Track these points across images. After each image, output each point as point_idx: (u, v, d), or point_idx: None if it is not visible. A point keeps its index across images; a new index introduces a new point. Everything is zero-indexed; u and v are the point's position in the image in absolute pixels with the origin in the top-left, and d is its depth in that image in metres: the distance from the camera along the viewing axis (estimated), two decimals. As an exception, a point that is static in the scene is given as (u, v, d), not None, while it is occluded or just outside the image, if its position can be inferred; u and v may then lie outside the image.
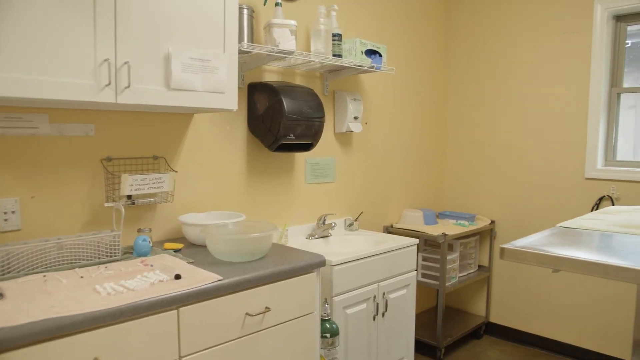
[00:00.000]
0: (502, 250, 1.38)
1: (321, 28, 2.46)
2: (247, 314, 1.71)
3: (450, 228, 3.26)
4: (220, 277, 1.63)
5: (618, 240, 1.48)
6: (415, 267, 2.78)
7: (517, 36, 3.42)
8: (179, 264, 1.77)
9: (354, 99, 2.83)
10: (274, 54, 2.19)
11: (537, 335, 3.49)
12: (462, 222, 3.41)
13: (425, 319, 3.63)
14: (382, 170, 3.29)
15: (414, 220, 3.31)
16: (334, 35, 2.50)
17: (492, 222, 3.57)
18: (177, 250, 2.00)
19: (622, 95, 3.23)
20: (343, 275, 2.35)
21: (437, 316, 3.17)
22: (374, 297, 2.53)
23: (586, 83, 3.15)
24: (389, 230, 3.31)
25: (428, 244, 3.47)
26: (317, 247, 2.68)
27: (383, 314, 2.60)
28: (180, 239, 2.23)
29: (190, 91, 1.84)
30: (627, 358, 3.13)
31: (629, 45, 3.16)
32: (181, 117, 2.23)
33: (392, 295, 2.65)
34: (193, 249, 2.03)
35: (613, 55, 3.16)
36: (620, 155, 3.29)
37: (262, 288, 1.76)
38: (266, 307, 1.77)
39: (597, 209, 3.15)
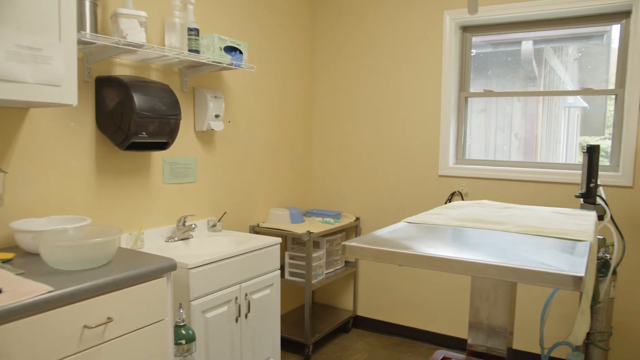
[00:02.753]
0: (344, 247, 1.40)
1: (176, 21, 2.35)
2: (85, 326, 1.57)
3: (316, 226, 3.32)
4: (51, 288, 1.48)
5: (453, 233, 1.59)
6: (279, 266, 2.78)
7: (377, 40, 3.58)
8: (4, 277, 1.58)
9: (215, 97, 2.76)
10: (122, 46, 2.05)
11: (399, 324, 3.68)
12: (328, 219, 3.49)
13: (294, 317, 3.65)
14: (247, 169, 3.25)
15: (281, 219, 3.31)
16: (190, 29, 2.41)
17: (357, 218, 3.70)
18: (5, 261, 1.78)
19: (474, 100, 3.52)
20: (201, 278, 2.27)
21: (305, 313, 3.20)
22: (236, 298, 2.48)
23: (438, 87, 3.38)
24: (255, 230, 3.28)
25: (295, 243, 3.49)
26: (176, 250, 2.57)
27: (246, 315, 2.56)
28: (14, 247, 2.00)
29: (18, 82, 1.65)
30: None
31: (474, 54, 3.45)
32: (12, 112, 2.00)
33: (255, 296, 2.62)
34: (27, 259, 1.83)
35: (461, 63, 3.43)
36: (474, 155, 3.58)
37: (104, 297, 1.63)
38: (108, 318, 1.64)
39: (449, 203, 3.40)
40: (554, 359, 3.15)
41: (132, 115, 2.15)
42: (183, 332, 2.06)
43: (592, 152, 2.60)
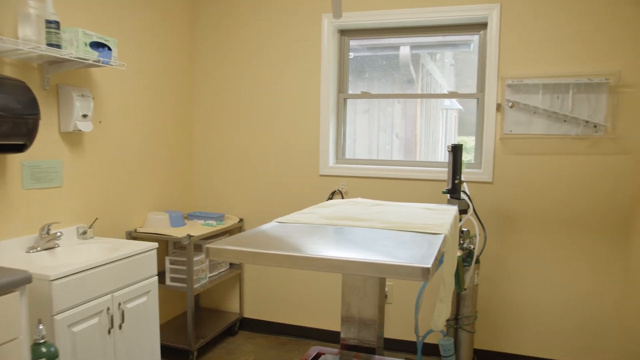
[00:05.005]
0: (207, 249, 1.38)
1: (31, 12, 2.16)
2: None
3: (198, 229, 3.24)
4: None
5: (321, 232, 1.62)
6: (155, 272, 2.67)
7: (258, 41, 3.57)
8: None
9: (82, 95, 2.58)
10: (-37, 37, 1.85)
11: (286, 324, 3.70)
12: (210, 222, 3.42)
13: (178, 323, 3.54)
14: (122, 172, 3.08)
15: (160, 223, 3.19)
16: (49, 22, 2.23)
17: (241, 220, 3.66)
18: None
19: (358, 101, 3.64)
20: (66, 290, 2.11)
21: (188, 319, 3.11)
22: (108, 309, 2.34)
23: (318, 89, 3.45)
24: (133, 235, 3.13)
25: (176, 247, 3.38)
26: (39, 261, 2.36)
27: (120, 326, 2.42)
28: None
29: None
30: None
31: (352, 57, 3.58)
32: None
33: (130, 305, 2.49)
34: None
35: (339, 65, 3.53)
36: (358, 154, 3.71)
37: (-60, 318, 1.46)
38: (-54, 341, 1.47)
39: (323, 202, 3.48)
40: (428, 344, 3.36)
41: (-21, 115, 1.94)
42: (43, 349, 1.90)
43: (456, 151, 2.80)
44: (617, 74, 2.89)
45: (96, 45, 2.45)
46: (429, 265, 1.18)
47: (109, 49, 2.52)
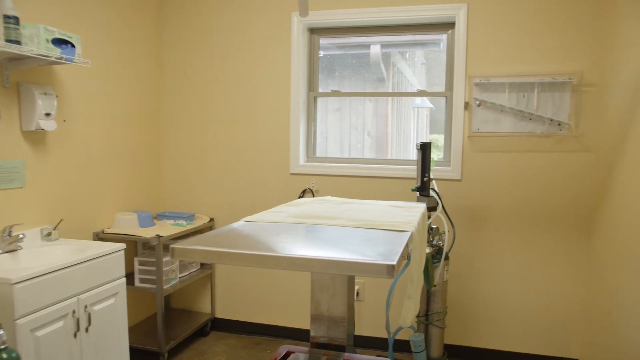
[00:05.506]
0: (172, 249, 1.36)
1: (-11, 7, 2.10)
2: None
3: (168, 229, 3.20)
4: None
5: (288, 230, 1.62)
6: (123, 274, 2.62)
7: (229, 40, 3.54)
8: None
9: (45, 93, 2.52)
10: None
11: (258, 323, 3.69)
12: (180, 222, 3.38)
13: (148, 325, 3.49)
14: (88, 172, 3.02)
15: (128, 223, 3.13)
16: (7, 17, 2.16)
17: (211, 219, 3.63)
18: None
19: (329, 99, 3.64)
20: (29, 294, 2.05)
21: (158, 320, 3.07)
22: (74, 312, 2.29)
23: (288, 87, 3.44)
24: (100, 236, 3.07)
25: (146, 248, 3.34)
26: (0, 264, 2.30)
27: (87, 329, 2.37)
28: None
29: None
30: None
31: (322, 55, 3.58)
32: None
33: (97, 307, 2.44)
34: None
35: (309, 63, 3.53)
36: (330, 152, 3.71)
37: None
38: None
39: (292, 201, 3.48)
40: (400, 340, 3.39)
41: None
42: (4, 355, 1.84)
43: (424, 149, 2.83)
44: (579, 74, 2.96)
45: (59, 42, 2.39)
46: (394, 263, 1.19)
47: (73, 45, 2.46)
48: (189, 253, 1.35)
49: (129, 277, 3.21)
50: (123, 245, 2.60)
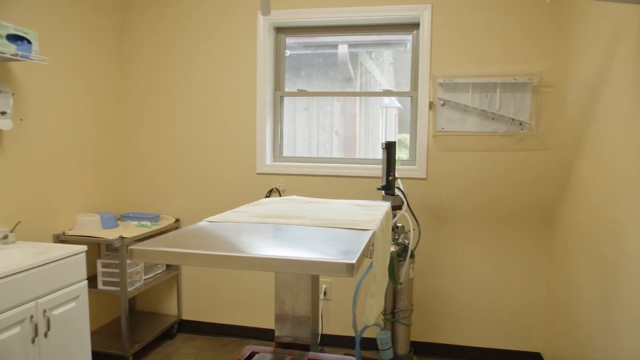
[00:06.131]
0: (131, 251, 1.33)
1: (-61, 3, 2.02)
2: None
3: (132, 230, 3.14)
4: None
5: (251, 230, 1.61)
6: (85, 277, 2.56)
7: (194, 38, 3.50)
8: None
9: (0, 91, 2.44)
10: None
11: (226, 324, 3.66)
12: (145, 222, 3.32)
13: (112, 328, 3.42)
14: (48, 172, 2.94)
15: (90, 225, 3.06)
16: (-41, 13, 2.09)
17: (177, 220, 3.58)
18: None
19: (297, 99, 3.63)
20: (-17, 298, 1.99)
21: (122, 323, 3.01)
22: (32, 317, 2.23)
23: (254, 86, 3.42)
24: (61, 239, 2.99)
25: (109, 249, 3.27)
26: (-46, 268, 2.22)
27: (46, 334, 2.31)
28: None
29: None
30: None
31: (288, 54, 3.57)
32: None
33: (56, 311, 2.38)
34: None
35: (275, 63, 3.51)
36: (299, 152, 3.70)
37: None
38: None
39: (257, 201, 3.47)
40: (367, 338, 3.42)
41: None
42: (-43, 362, 1.78)
43: (389, 148, 2.86)
44: (540, 75, 3.04)
45: (14, 38, 2.31)
46: (354, 261, 1.20)
47: (29, 42, 2.39)
48: (147, 254, 1.33)
49: (92, 279, 3.14)
50: (84, 248, 2.54)
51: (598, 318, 2.33)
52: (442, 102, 3.16)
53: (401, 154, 3.45)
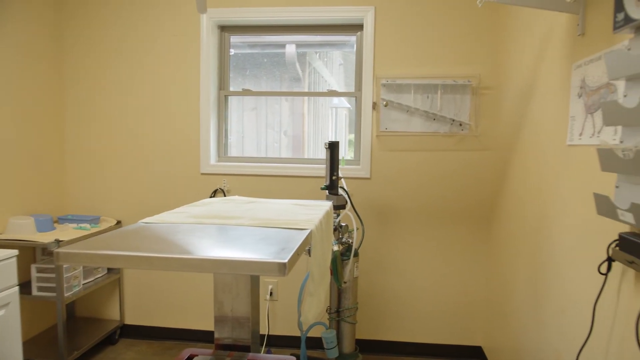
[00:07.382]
0: (56, 254, 1.29)
1: None
2: None
3: (69, 233, 3.03)
4: None
5: (186, 231, 1.58)
6: (16, 282, 2.45)
7: (135, 36, 3.41)
8: None
9: None
10: None
11: (170, 328, 3.58)
12: (83, 225, 3.21)
13: (49, 336, 3.28)
14: (-22, 173, 2.80)
15: (23, 228, 2.93)
16: None
17: (119, 222, 3.48)
18: None
19: (246, 98, 3.59)
20: None
21: (58, 330, 2.90)
22: (-44, 325, 2.11)
23: (197, 85, 3.37)
24: (-9, 243, 2.85)
25: (45, 254, 3.14)
26: None
27: (-28, 344, 2.20)
28: None
29: None
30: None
31: (233, 53, 3.54)
32: None
33: (-16, 319, 2.27)
34: None
35: (220, 61, 3.47)
36: (247, 152, 3.66)
37: None
38: None
39: (196, 202, 3.42)
40: (313, 337, 3.43)
41: None
42: None
43: (332, 148, 2.88)
44: (478, 77, 3.14)
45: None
46: (285, 261, 1.20)
47: (-47, 37, 2.26)
48: (74, 257, 1.29)
49: (26, 285, 3.01)
50: (15, 252, 2.43)
51: (530, 311, 2.43)
52: (384, 102, 3.21)
53: (353, 154, 3.49)
